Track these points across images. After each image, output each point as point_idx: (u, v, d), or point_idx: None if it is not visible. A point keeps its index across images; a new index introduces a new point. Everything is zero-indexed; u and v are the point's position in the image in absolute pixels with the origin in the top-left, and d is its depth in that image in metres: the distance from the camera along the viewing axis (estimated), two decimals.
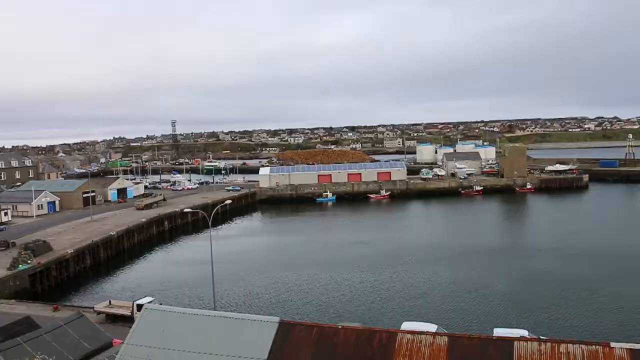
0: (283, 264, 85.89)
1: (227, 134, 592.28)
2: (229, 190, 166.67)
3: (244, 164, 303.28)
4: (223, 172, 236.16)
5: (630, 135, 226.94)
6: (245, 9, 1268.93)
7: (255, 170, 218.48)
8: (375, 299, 66.18)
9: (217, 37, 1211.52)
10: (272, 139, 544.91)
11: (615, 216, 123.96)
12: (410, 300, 65.18)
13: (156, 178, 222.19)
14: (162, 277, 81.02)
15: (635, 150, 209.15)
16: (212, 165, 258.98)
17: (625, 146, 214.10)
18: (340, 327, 27.57)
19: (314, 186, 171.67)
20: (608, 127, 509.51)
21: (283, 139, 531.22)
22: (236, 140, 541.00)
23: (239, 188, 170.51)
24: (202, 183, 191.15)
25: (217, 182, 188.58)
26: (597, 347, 23.55)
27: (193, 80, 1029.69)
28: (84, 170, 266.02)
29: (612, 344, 23.57)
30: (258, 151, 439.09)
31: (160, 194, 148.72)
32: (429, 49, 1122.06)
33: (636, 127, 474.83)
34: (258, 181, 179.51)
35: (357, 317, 57.58)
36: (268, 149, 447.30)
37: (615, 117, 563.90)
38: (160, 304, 49.06)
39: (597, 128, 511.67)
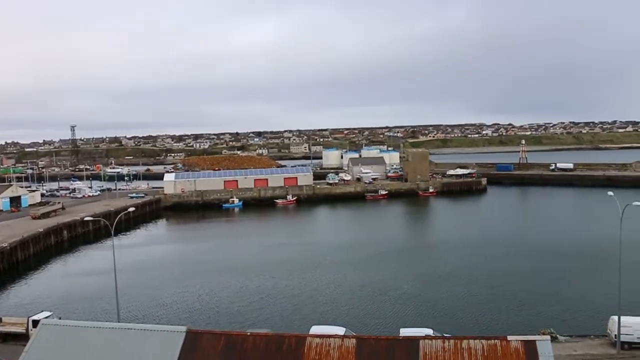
0: (191, 272, 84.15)
1: (130, 139, 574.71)
2: (132, 197, 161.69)
3: (148, 170, 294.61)
4: (126, 178, 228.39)
5: (523, 141, 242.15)
6: (151, 10, 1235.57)
7: (159, 177, 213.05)
8: (285, 304, 66.30)
9: (121, 38, 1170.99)
10: (177, 144, 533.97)
11: (512, 217, 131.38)
12: (320, 305, 65.79)
13: (54, 185, 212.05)
14: (62, 290, 77.06)
15: (528, 154, 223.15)
16: (114, 172, 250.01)
17: (519, 151, 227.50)
18: (249, 333, 27.47)
19: (221, 192, 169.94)
20: (504, 133, 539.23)
21: (188, 145, 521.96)
22: (140, 145, 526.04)
23: (143, 195, 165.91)
24: (104, 190, 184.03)
25: (120, 189, 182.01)
26: (496, 341, 24.99)
27: (94, 83, 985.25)
28: None
29: (509, 337, 25.07)
30: (163, 157, 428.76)
31: (59, 202, 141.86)
32: (337, 55, 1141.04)
33: (528, 133, 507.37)
34: (163, 187, 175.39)
35: (267, 323, 57.42)
36: (173, 154, 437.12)
37: (510, 124, 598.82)
38: (59, 319, 46.75)
39: (494, 134, 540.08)
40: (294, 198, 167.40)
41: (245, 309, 64.76)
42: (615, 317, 45.61)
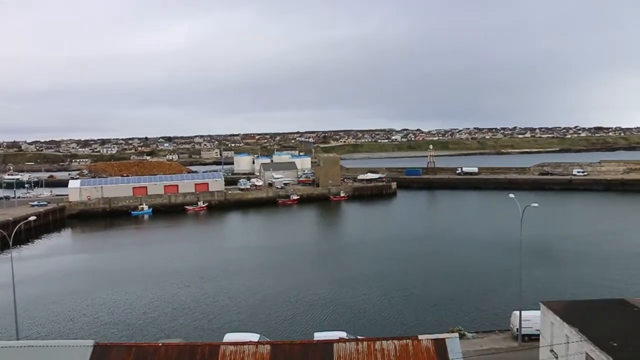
0: (100, 283, 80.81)
1: (31, 144, 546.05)
2: (34, 205, 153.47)
3: (51, 176, 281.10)
4: (27, 185, 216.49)
5: (431, 146, 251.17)
6: (59, 9, 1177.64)
7: (64, 184, 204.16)
8: (199, 313, 65.08)
9: (24, 35, 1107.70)
10: (83, 149, 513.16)
11: (422, 219, 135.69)
12: (235, 313, 65.09)
13: None
14: None
15: (436, 159, 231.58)
16: (13, 179, 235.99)
17: (427, 156, 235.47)
18: (160, 344, 26.80)
19: (129, 199, 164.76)
20: (412, 139, 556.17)
21: (95, 150, 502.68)
22: (42, 150, 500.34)
23: (45, 203, 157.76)
24: (1, 198, 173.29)
25: (19, 197, 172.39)
26: (407, 340, 25.77)
27: None
28: None
29: (420, 337, 25.93)
30: (67, 163, 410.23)
31: None
32: (250, 60, 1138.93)
33: (436, 138, 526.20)
34: (67, 195, 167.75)
35: (181, 333, 56.21)
36: (78, 160, 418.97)
37: (418, 130, 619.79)
38: None
39: (403, 139, 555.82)
40: (205, 204, 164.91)
41: (158, 320, 63.00)
42: (517, 312, 48.22)
